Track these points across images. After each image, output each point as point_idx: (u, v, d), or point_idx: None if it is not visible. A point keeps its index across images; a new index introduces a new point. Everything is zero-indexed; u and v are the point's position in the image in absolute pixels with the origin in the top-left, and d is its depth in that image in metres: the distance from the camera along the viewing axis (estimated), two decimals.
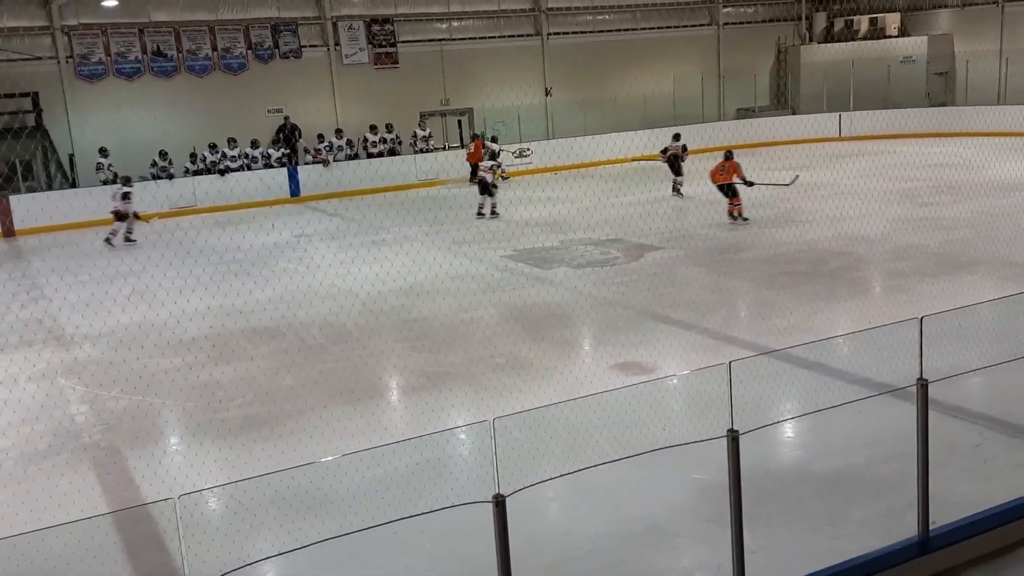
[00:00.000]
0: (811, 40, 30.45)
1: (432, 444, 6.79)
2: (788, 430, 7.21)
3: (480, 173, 19.38)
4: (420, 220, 18.81)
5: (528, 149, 23.93)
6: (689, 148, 21.08)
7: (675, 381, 8.35)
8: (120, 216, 18.44)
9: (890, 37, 29.09)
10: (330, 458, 6.77)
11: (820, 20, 30.58)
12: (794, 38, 30.78)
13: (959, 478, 6.04)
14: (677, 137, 21.06)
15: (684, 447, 4.84)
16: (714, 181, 16.54)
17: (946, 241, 13.61)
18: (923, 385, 4.88)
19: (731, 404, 4.35)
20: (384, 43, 25.37)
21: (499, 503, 3.76)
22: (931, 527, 5.05)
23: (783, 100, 30.39)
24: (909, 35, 29.12)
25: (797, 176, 16.27)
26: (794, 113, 29.05)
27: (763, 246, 14.07)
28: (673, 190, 20.35)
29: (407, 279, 13.09)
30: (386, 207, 19.19)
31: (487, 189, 18.77)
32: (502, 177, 23.08)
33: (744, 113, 28.60)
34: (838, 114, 27.42)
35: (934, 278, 11.58)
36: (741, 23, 30.24)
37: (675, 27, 29.23)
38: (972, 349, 7.07)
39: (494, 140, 23.91)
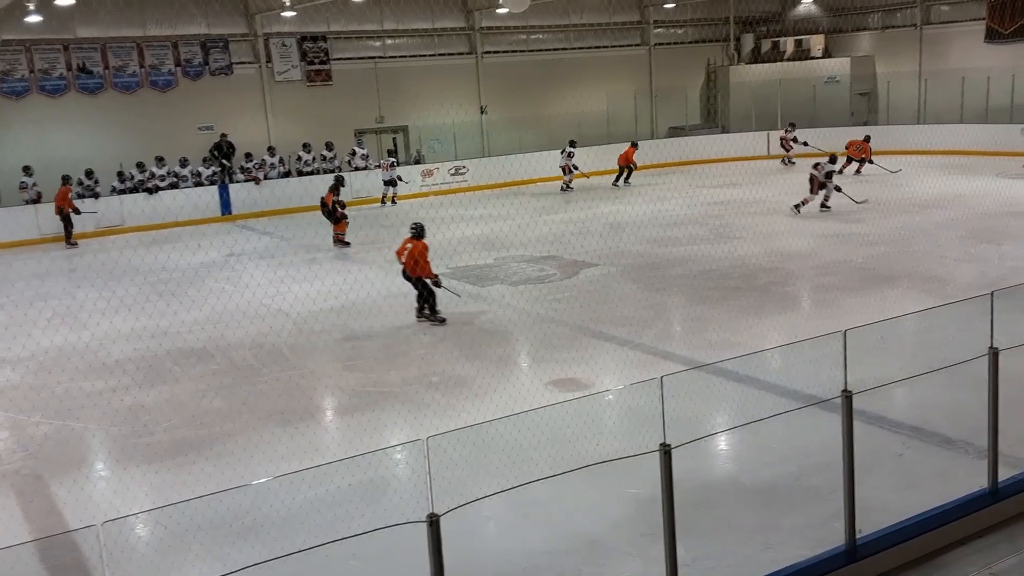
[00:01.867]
0: (739, 60, 31.17)
1: (366, 465, 6.70)
2: (722, 443, 7.30)
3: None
4: (355, 238, 18.64)
5: (464, 167, 23.97)
6: (583, 169, 22.30)
7: (611, 397, 8.39)
8: None
9: (815, 58, 29.93)
10: (261, 480, 6.63)
11: (748, 41, 31.32)
12: (723, 58, 31.46)
13: (885, 487, 6.18)
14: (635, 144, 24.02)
15: (621, 462, 4.86)
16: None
17: (870, 256, 13.98)
18: (847, 397, 4.99)
19: (663, 419, 4.38)
20: (317, 60, 25.20)
21: (433, 523, 3.71)
22: (858, 535, 5.15)
23: (714, 118, 31.01)
24: (833, 56, 30.00)
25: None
26: (724, 131, 29.63)
27: (695, 262, 14.28)
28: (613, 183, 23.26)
29: (341, 298, 12.95)
30: (320, 225, 18.99)
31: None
32: (392, 201, 23.16)
33: (676, 131, 29.08)
34: (766, 132, 28.06)
35: (859, 292, 11.87)
36: (672, 43, 30.81)
37: (608, 47, 29.64)
38: (895, 361, 7.26)
39: (390, 153, 23.89)
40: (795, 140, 26.04)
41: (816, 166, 18.39)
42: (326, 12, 24.66)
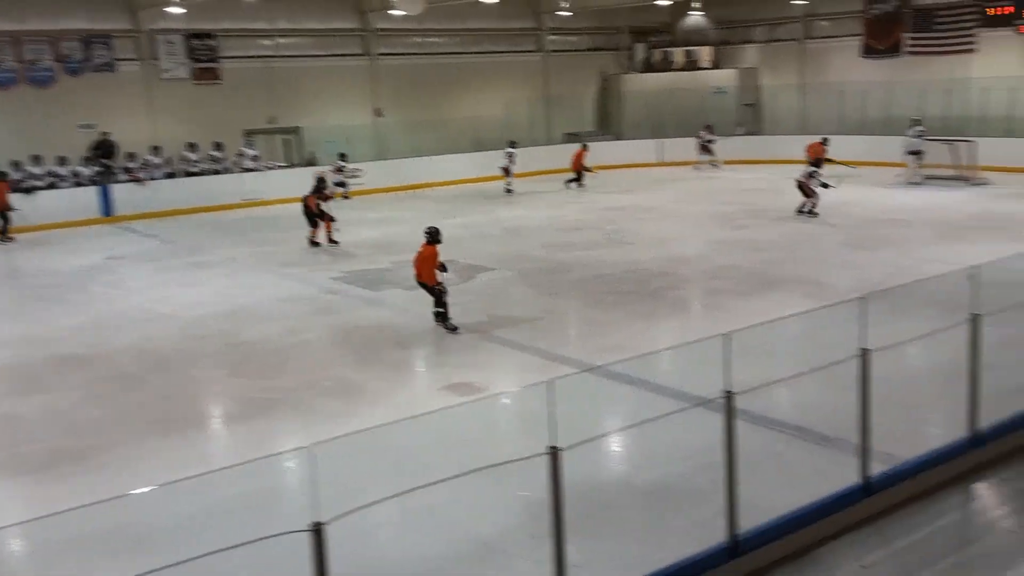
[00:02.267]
0: (632, 70, 31.81)
1: (254, 473, 6.53)
2: (615, 444, 7.41)
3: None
4: (245, 241, 18.20)
5: (359, 169, 23.65)
6: (516, 171, 22.13)
7: (507, 400, 8.43)
8: None
9: (704, 69, 30.80)
10: (141, 491, 6.38)
11: (640, 51, 32.00)
12: (617, 67, 32.05)
13: (767, 484, 6.38)
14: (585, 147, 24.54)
15: (515, 465, 4.87)
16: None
17: (757, 261, 14.45)
18: (728, 397, 5.13)
19: (553, 421, 4.42)
20: (205, 58, 24.45)
21: (317, 531, 3.64)
22: (739, 532, 5.30)
23: (608, 126, 31.55)
24: (721, 68, 30.94)
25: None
26: (618, 139, 30.19)
27: (591, 267, 14.48)
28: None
29: (230, 302, 12.61)
30: (208, 228, 18.46)
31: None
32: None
33: (571, 137, 29.45)
34: (658, 140, 28.71)
35: (747, 296, 12.26)
36: (567, 51, 31.20)
37: (504, 52, 29.80)
38: (779, 362, 7.52)
39: (342, 157, 23.45)
40: (711, 142, 26.93)
41: (808, 175, 18.29)
42: (215, 10, 23.96)
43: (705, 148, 27.18)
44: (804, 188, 18.13)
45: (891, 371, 7.85)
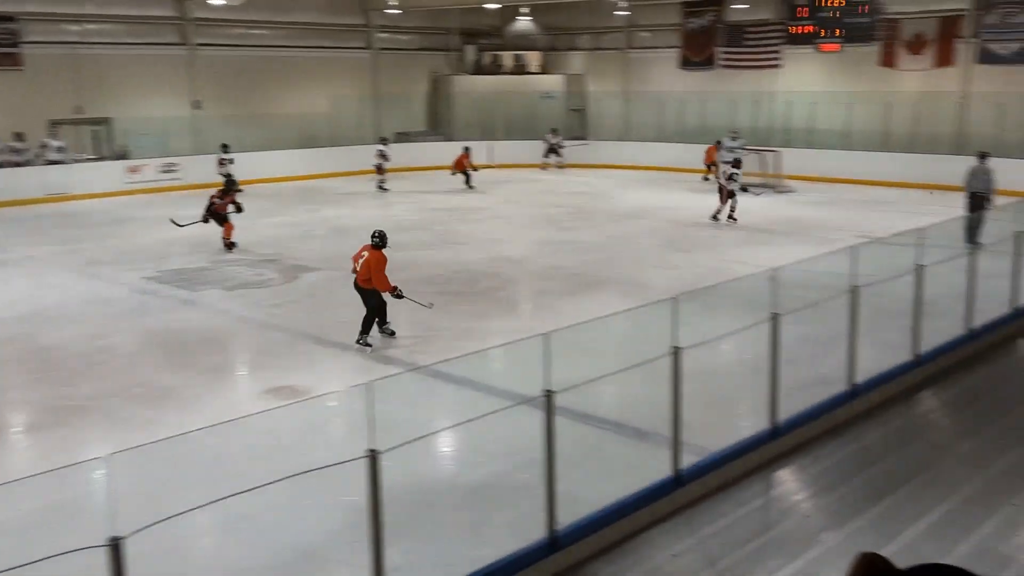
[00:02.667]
0: (463, 71, 31.99)
1: (52, 486, 6.08)
2: (442, 445, 7.39)
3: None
4: (49, 239, 16.96)
5: (175, 164, 22.54)
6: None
7: (334, 403, 8.25)
8: None
9: (532, 74, 31.40)
10: None
11: (470, 53, 32.24)
12: (447, 68, 32.13)
13: (587, 479, 6.56)
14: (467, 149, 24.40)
15: (339, 469, 4.75)
16: None
17: (581, 262, 14.85)
18: (548, 396, 5.23)
19: (372, 424, 4.35)
20: (5, 43, 22.64)
21: (115, 546, 3.41)
22: (559, 527, 5.41)
23: (439, 126, 31.59)
24: (549, 73, 31.64)
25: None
26: (449, 140, 30.27)
27: (420, 267, 14.41)
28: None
29: (30, 304, 11.72)
30: (7, 224, 17.09)
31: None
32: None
33: (402, 137, 29.28)
34: (489, 143, 29.00)
35: (571, 296, 12.57)
36: (397, 49, 30.96)
37: (332, 48, 29.22)
38: (601, 359, 7.73)
39: (224, 148, 22.19)
40: (560, 145, 27.56)
41: (729, 177, 18.27)
42: None
43: (553, 151, 27.81)
44: (723, 191, 18.20)
45: (704, 367, 8.28)
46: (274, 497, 4.91)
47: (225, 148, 22.90)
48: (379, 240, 10.52)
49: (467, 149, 24.87)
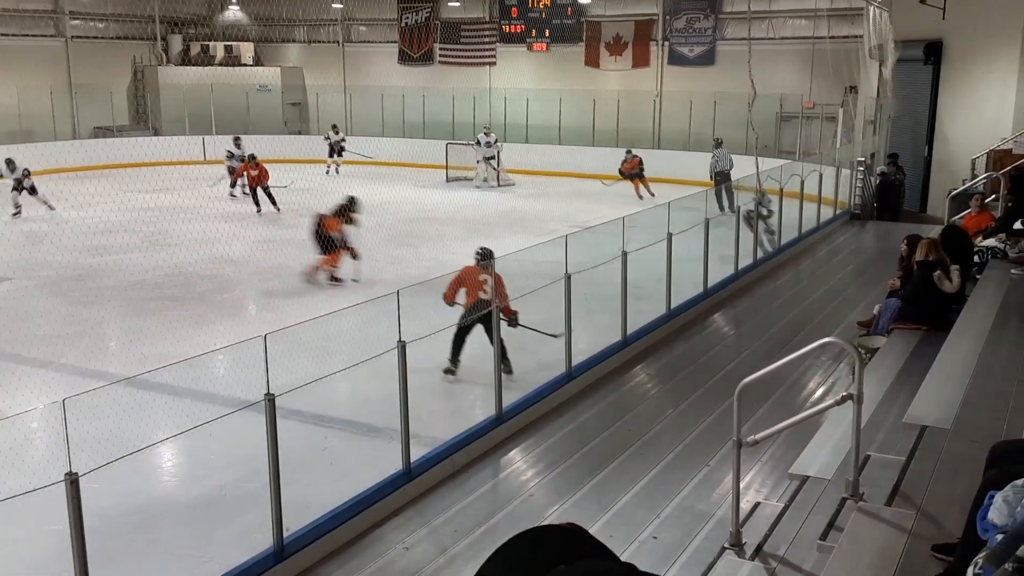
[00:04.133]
0: (169, 62, 30.12)
1: None
2: (158, 459, 6.94)
3: None
4: None
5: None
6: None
7: (35, 424, 7.47)
8: None
9: (246, 65, 30.20)
10: None
11: (176, 42, 30.40)
12: (151, 58, 30.11)
13: (320, 481, 6.44)
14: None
15: (45, 496, 4.28)
16: None
17: (305, 261, 14.51)
18: (270, 400, 5.08)
19: (68, 444, 3.98)
20: None
21: None
22: (287, 534, 5.27)
23: (144, 120, 29.56)
24: (264, 65, 30.60)
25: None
26: (156, 134, 28.42)
27: (127, 272, 13.41)
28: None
29: None
30: None
31: None
32: None
33: (102, 132, 27.07)
34: (201, 137, 27.55)
35: (298, 296, 12.26)
36: (93, 38, 28.54)
37: (16, 35, 26.41)
38: (330, 358, 7.60)
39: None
40: (342, 141, 26.23)
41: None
42: None
43: (334, 149, 26.24)
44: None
45: (434, 360, 8.44)
46: None
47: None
48: (485, 255, 8.96)
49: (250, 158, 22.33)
